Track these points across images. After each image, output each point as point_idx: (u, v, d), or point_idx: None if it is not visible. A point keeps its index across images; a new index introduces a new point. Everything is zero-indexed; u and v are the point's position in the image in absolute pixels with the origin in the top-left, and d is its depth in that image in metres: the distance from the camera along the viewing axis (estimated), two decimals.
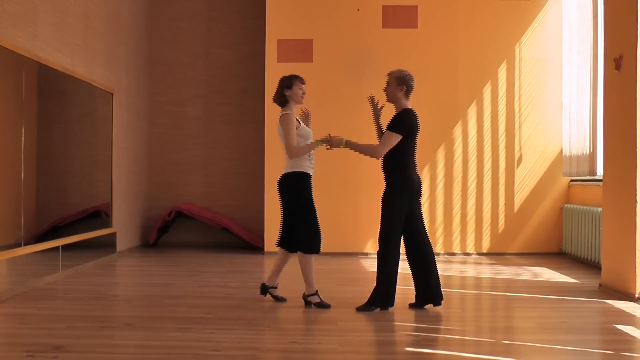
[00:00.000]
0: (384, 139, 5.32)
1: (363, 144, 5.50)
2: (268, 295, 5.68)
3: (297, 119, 5.49)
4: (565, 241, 8.80)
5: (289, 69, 9.42)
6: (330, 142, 5.36)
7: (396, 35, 9.16)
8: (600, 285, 6.33)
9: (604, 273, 6.31)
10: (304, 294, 5.52)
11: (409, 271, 5.42)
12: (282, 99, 5.53)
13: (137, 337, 4.45)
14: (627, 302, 5.65)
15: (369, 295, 5.34)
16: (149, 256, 8.90)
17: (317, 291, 5.47)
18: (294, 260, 5.61)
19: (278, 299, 5.62)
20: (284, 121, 5.42)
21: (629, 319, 5.10)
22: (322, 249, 5.52)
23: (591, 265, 7.80)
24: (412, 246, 5.40)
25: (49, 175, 6.89)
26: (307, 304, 5.47)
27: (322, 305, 5.43)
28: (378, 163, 5.55)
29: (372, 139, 5.78)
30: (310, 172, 5.48)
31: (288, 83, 5.50)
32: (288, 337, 4.57)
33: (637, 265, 5.68)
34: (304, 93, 5.54)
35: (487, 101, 9.17)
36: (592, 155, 7.99)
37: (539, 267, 7.86)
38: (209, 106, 10.25)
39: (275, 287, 5.66)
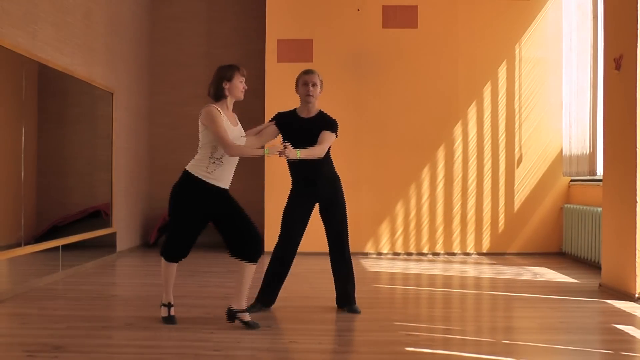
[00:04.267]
0: (327, 139, 5.16)
1: (311, 147, 5.03)
2: None
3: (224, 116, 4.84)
4: (565, 241, 8.80)
5: (289, 68, 9.44)
6: (287, 155, 4.82)
7: (396, 35, 9.15)
8: (600, 285, 6.33)
9: (604, 273, 6.31)
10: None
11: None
12: (219, 93, 4.90)
13: (137, 337, 4.44)
14: (627, 302, 5.65)
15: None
16: (149, 256, 8.89)
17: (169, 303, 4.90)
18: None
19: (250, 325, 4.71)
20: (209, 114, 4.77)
21: (629, 319, 5.09)
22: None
23: (591, 265, 7.80)
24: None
25: (49, 175, 6.88)
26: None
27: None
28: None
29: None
30: (209, 180, 4.90)
31: (229, 74, 4.86)
32: (288, 337, 4.56)
33: (637, 265, 5.67)
34: (244, 87, 4.91)
35: (487, 101, 9.16)
36: (592, 155, 7.99)
37: (539, 267, 7.86)
38: None
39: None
